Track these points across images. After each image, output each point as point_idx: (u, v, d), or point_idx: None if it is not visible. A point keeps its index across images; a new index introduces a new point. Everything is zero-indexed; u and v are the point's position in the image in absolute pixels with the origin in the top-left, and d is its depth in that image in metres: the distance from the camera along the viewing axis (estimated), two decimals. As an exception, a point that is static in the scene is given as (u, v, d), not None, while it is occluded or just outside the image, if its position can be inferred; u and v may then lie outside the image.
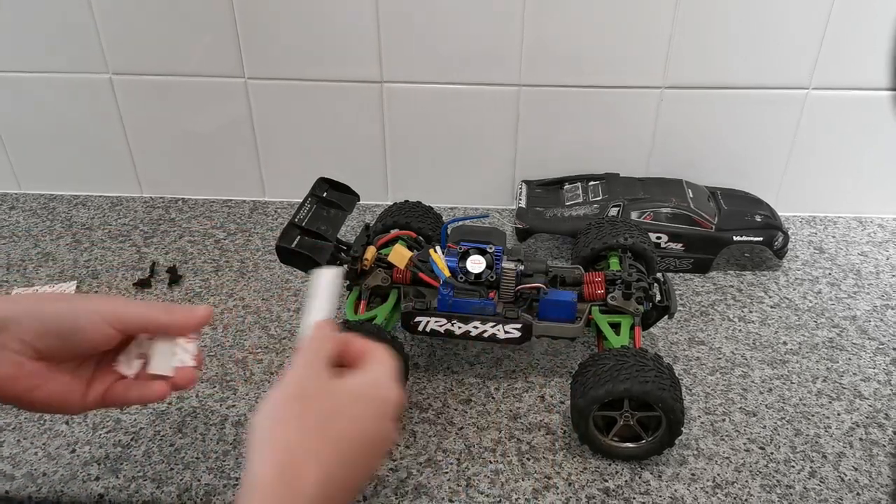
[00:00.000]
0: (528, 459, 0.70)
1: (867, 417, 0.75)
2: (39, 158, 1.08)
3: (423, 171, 1.05)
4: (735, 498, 0.67)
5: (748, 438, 0.73)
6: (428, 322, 0.74)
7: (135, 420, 0.74)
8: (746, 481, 0.68)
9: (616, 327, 0.75)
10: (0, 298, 0.52)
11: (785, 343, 0.84)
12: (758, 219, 0.94)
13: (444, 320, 0.74)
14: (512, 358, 0.82)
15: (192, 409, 0.75)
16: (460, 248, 0.74)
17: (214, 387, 0.78)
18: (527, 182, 1.03)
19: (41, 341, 0.50)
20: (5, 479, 0.68)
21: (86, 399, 0.54)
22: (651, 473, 0.69)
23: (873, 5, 0.89)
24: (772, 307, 0.90)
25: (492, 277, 0.73)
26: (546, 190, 1.02)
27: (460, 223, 0.78)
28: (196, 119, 1.03)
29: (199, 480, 0.68)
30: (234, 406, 0.76)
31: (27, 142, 1.07)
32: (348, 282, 0.79)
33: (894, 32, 0.87)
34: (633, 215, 0.92)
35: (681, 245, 0.93)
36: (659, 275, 0.79)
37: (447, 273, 0.73)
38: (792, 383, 0.79)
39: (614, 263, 0.82)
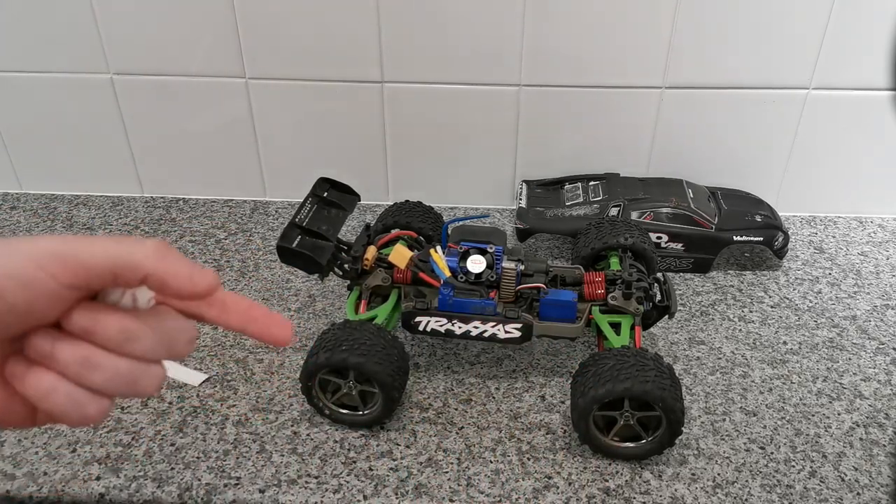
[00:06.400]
0: (529, 459, 0.70)
1: (867, 417, 0.75)
2: (40, 158, 1.08)
3: (424, 171, 1.05)
4: (735, 498, 0.67)
5: (748, 438, 0.73)
6: (428, 322, 0.74)
7: (135, 419, 0.74)
8: (747, 481, 0.68)
9: (616, 327, 0.75)
10: None
11: (785, 343, 0.84)
12: (758, 219, 0.94)
13: (444, 320, 0.74)
14: (512, 358, 0.82)
15: (193, 409, 0.75)
16: (461, 248, 0.74)
17: (215, 386, 0.78)
18: (527, 182, 1.03)
19: None
20: (6, 479, 0.68)
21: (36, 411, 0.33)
22: (651, 473, 0.69)
23: (873, 5, 0.89)
24: (772, 307, 0.90)
25: (492, 277, 0.73)
26: (546, 190, 1.02)
27: (461, 223, 0.78)
28: (197, 119, 1.03)
29: (199, 480, 0.68)
30: (234, 406, 0.76)
31: (28, 142, 1.07)
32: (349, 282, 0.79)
33: (894, 32, 0.87)
34: (634, 215, 0.92)
35: (681, 245, 0.93)
36: (659, 275, 0.79)
37: (448, 273, 0.73)
38: (792, 383, 0.79)
39: (614, 263, 0.82)
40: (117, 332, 0.31)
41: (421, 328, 0.74)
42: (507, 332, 0.73)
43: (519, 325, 0.73)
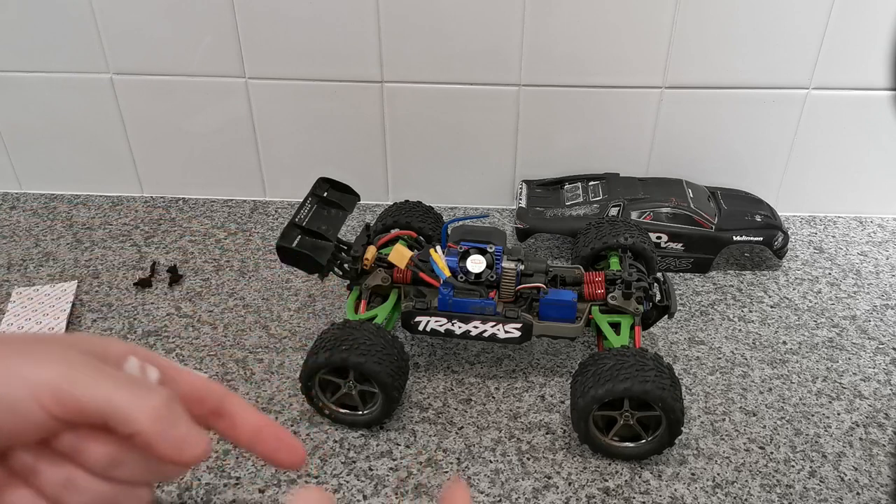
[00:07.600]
0: (528, 459, 0.70)
1: (867, 417, 0.75)
2: (40, 158, 1.08)
3: (424, 171, 1.05)
4: (735, 497, 0.67)
5: (748, 438, 0.73)
6: (428, 322, 0.74)
7: (135, 419, 0.74)
8: (746, 481, 0.68)
9: (616, 327, 0.75)
10: None
11: (785, 343, 0.84)
12: (758, 219, 0.94)
13: (444, 320, 0.74)
14: (512, 357, 0.82)
15: (193, 409, 0.75)
16: (460, 248, 0.74)
17: (215, 386, 0.78)
18: (527, 182, 1.03)
19: None
20: (6, 479, 0.68)
21: None
22: (651, 473, 0.69)
23: (873, 5, 0.89)
24: (772, 307, 0.90)
25: (492, 277, 0.73)
26: (546, 190, 1.02)
27: (460, 223, 0.78)
28: (197, 119, 1.03)
29: (199, 480, 0.68)
30: (234, 405, 0.76)
31: (28, 142, 1.07)
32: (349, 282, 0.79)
33: (894, 32, 0.87)
34: (633, 215, 0.93)
35: (681, 245, 0.93)
36: (659, 274, 0.79)
37: (447, 273, 0.73)
38: (792, 383, 0.79)
39: (614, 263, 0.82)
40: (102, 457, 0.29)
41: (421, 328, 0.75)
42: (506, 331, 0.73)
43: (519, 325, 0.73)
